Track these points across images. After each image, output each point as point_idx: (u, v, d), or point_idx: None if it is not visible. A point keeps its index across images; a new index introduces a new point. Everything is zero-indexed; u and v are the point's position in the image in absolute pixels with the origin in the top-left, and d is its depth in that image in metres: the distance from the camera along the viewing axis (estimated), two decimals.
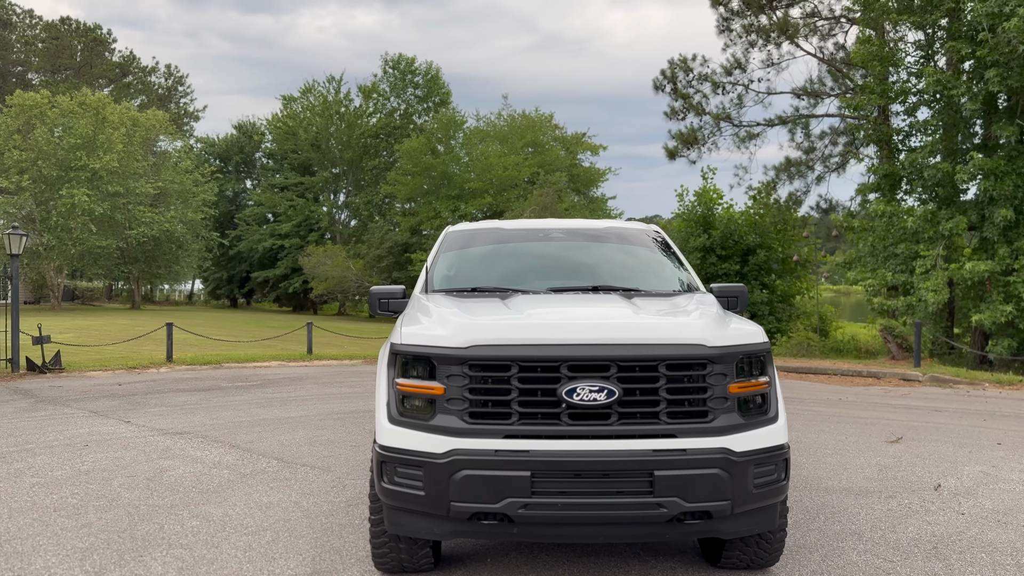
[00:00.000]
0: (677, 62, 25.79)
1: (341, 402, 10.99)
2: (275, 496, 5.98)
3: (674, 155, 25.08)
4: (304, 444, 7.98)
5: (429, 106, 49.87)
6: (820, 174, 25.64)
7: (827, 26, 25.10)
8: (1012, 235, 17.92)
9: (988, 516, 5.48)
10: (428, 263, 5.42)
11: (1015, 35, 15.41)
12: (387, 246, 42.67)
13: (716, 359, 3.71)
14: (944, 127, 19.12)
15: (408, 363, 3.88)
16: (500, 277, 5.16)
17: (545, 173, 39.19)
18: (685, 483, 3.57)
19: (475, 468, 3.60)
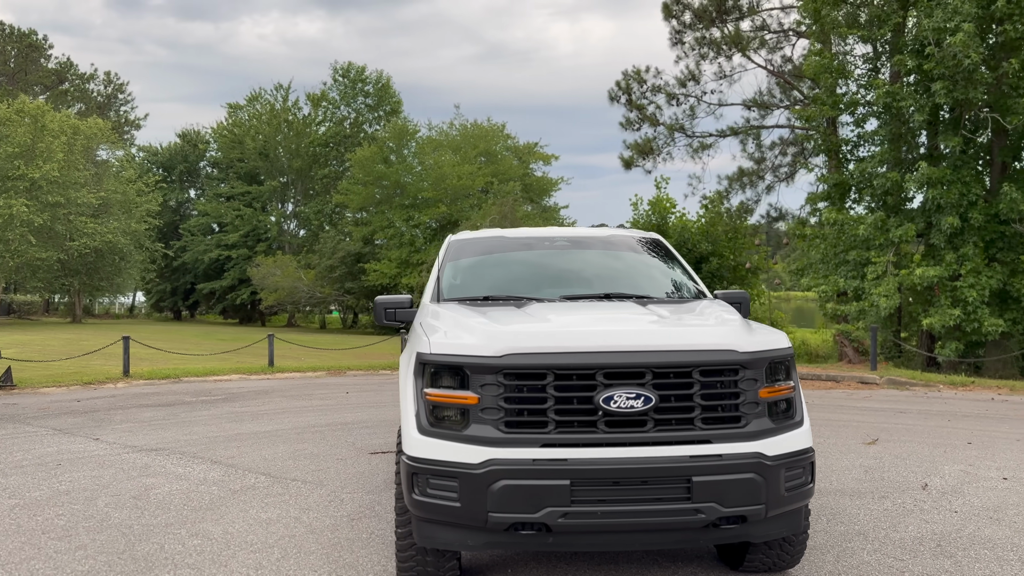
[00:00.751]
0: (631, 74, 26.18)
1: (315, 415, 10.81)
2: (273, 512, 5.84)
3: (630, 165, 25.41)
4: (288, 458, 7.83)
5: (380, 115, 49.58)
6: (770, 184, 26.27)
7: (775, 39, 25.77)
8: (957, 242, 18.57)
9: (980, 513, 5.65)
10: (435, 272, 5.38)
11: (960, 49, 16.01)
12: (339, 256, 42.21)
13: (748, 364, 3.76)
14: (891, 138, 19.74)
15: (438, 373, 3.84)
16: (510, 285, 5.15)
17: (499, 182, 39.24)
18: (722, 488, 3.60)
19: (513, 478, 3.58)
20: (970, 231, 18.33)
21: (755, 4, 25.19)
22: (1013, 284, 18.21)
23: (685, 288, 5.25)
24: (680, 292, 5.18)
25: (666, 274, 5.41)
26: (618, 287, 5.15)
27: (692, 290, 5.23)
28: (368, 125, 50.68)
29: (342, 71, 50.31)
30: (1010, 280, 18.29)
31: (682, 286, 5.27)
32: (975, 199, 18.59)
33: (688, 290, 5.22)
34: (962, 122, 18.57)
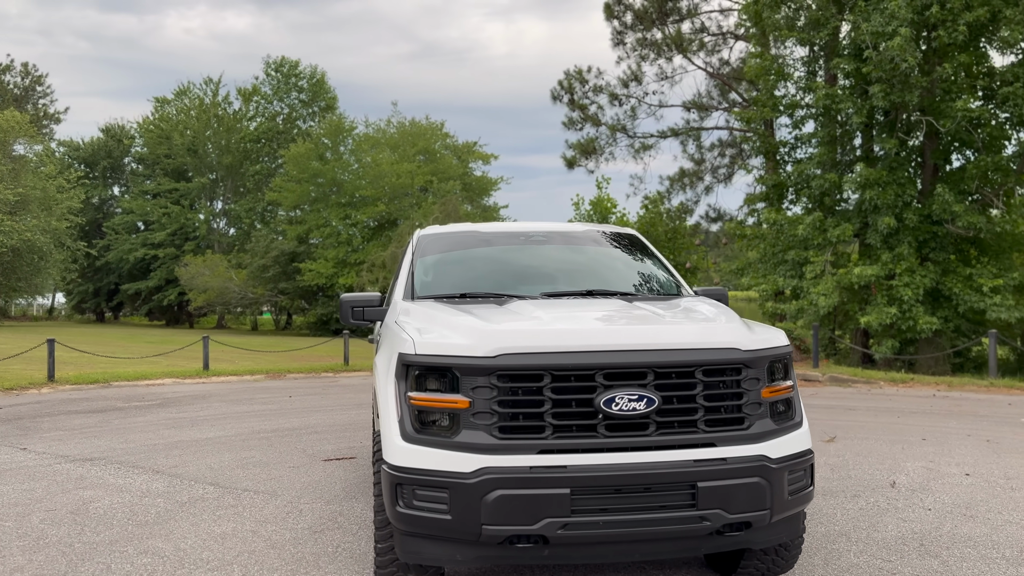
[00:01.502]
0: (573, 74, 26.16)
1: (258, 420, 10.33)
2: (227, 526, 5.45)
3: (573, 164, 25.37)
4: (236, 467, 7.40)
5: (315, 111, 48.63)
6: (709, 184, 26.60)
7: (713, 42, 26.09)
8: (893, 242, 19.05)
9: (953, 511, 5.64)
10: (405, 268, 5.08)
11: (898, 53, 16.40)
12: (273, 255, 41.20)
13: (750, 363, 3.59)
14: (829, 140, 20.14)
15: (423, 375, 3.56)
16: (487, 282, 4.90)
17: (439, 181, 38.86)
18: (728, 494, 3.42)
19: (509, 487, 3.32)
20: (905, 231, 18.82)
21: (694, 7, 25.45)
22: (944, 283, 18.76)
23: (667, 284, 5.08)
24: (662, 288, 5.01)
25: (646, 270, 5.23)
26: (600, 283, 4.95)
27: (674, 286, 5.06)
28: (302, 121, 49.68)
29: (275, 65, 49.18)
30: (942, 279, 18.84)
31: (663, 282, 5.09)
32: (909, 200, 19.12)
33: (670, 286, 5.05)
34: (897, 125, 19.06)
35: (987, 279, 17.98)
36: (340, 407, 11.57)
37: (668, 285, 5.07)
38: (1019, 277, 18.15)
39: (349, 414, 10.79)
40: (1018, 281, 18.17)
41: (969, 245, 19.73)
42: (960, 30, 16.50)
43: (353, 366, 17.86)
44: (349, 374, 16.86)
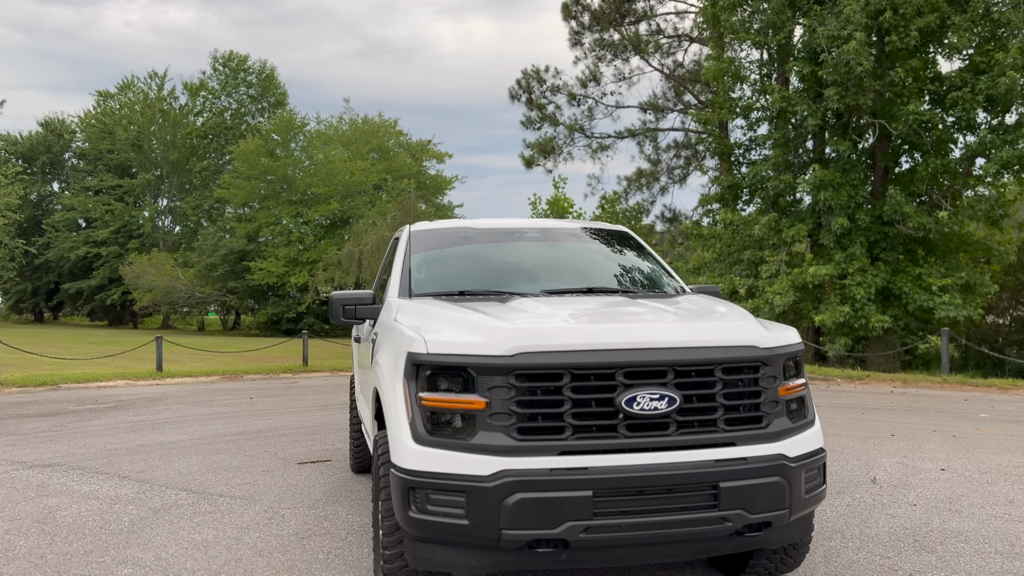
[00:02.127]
0: (531, 73, 26.12)
1: (222, 423, 10.03)
2: (207, 533, 5.24)
3: (531, 164, 25.34)
4: (206, 472, 7.14)
5: (264, 106, 47.74)
6: (664, 185, 26.81)
7: (668, 44, 26.31)
8: (845, 242, 19.44)
9: (938, 506, 5.72)
10: (399, 264, 4.93)
11: (853, 57, 16.72)
12: (221, 254, 40.31)
13: (768, 361, 3.56)
14: (783, 142, 20.45)
15: (435, 375, 3.44)
16: (486, 279, 4.79)
17: (393, 179, 38.51)
18: (749, 494, 3.38)
19: (530, 490, 3.22)
20: (857, 232, 19.21)
21: (650, 8, 25.64)
22: (895, 282, 19.21)
23: (663, 281, 5.03)
24: (660, 286, 4.96)
25: (643, 267, 5.18)
26: (599, 281, 4.88)
27: (671, 284, 5.01)
28: (251, 117, 48.76)
29: (223, 60, 48.14)
30: (892, 279, 19.29)
31: (660, 280, 5.05)
32: (862, 201, 19.54)
33: (666, 284, 5.00)
34: (850, 127, 19.46)
35: (936, 279, 18.46)
36: (305, 409, 11.31)
37: (665, 282, 5.03)
38: (966, 276, 18.67)
39: (315, 416, 10.55)
40: (965, 280, 18.69)
41: (917, 245, 20.24)
42: (912, 35, 16.91)
43: (312, 367, 17.53)
44: (308, 375, 16.54)
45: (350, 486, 6.51)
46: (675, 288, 4.98)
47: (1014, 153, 16.92)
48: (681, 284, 5.06)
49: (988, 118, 18.61)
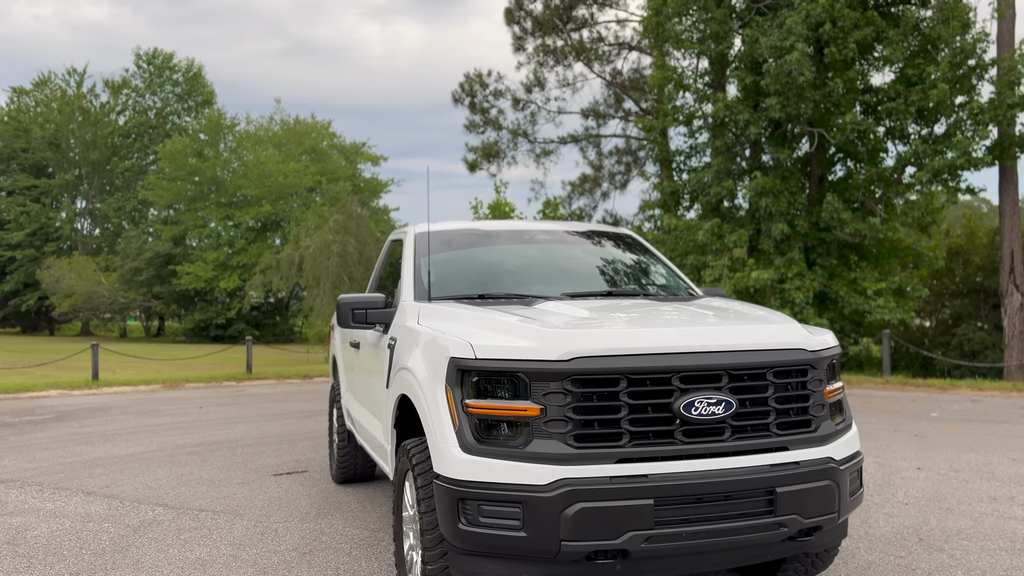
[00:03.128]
0: (473, 77, 26.01)
1: (177, 434, 9.60)
2: (199, 551, 4.95)
3: (474, 168, 25.22)
4: (177, 485, 6.79)
5: (191, 106, 46.24)
6: (605, 190, 27.05)
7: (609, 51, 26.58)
8: (785, 247, 19.96)
9: (930, 505, 5.85)
10: (408, 268, 4.76)
11: (795, 67, 17.17)
12: (146, 257, 38.87)
13: (815, 363, 3.55)
14: (725, 149, 20.88)
15: (484, 381, 3.31)
16: (502, 282, 4.66)
17: (327, 182, 37.82)
18: (803, 498, 3.36)
19: (591, 499, 3.12)
20: (795, 237, 19.74)
21: (591, 16, 25.86)
22: (831, 287, 19.81)
23: (677, 284, 5.00)
24: (675, 288, 4.93)
25: (656, 270, 5.13)
26: (616, 283, 4.83)
27: (683, 286, 4.99)
28: (177, 116, 47.18)
29: (147, 57, 46.50)
30: (828, 283, 19.89)
31: (674, 282, 5.02)
32: (800, 208, 20.09)
33: (680, 286, 4.98)
34: (789, 136, 20.00)
35: (871, 283, 19.11)
36: (261, 418, 10.93)
37: (678, 284, 5.00)
38: (898, 281, 19.38)
39: (275, 425, 10.19)
40: (897, 285, 19.40)
41: (851, 251, 20.92)
42: (850, 47, 17.46)
43: (257, 374, 17.00)
44: (254, 383, 16.03)
45: (337, 498, 6.27)
46: (688, 290, 4.96)
47: (944, 163, 17.64)
48: (691, 286, 5.04)
49: (918, 128, 19.36)
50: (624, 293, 4.63)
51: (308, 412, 11.41)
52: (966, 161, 17.49)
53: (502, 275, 4.81)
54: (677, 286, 4.97)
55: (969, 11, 17.70)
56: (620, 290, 4.68)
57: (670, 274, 5.11)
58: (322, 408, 11.81)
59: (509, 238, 5.26)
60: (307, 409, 11.77)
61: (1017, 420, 10.28)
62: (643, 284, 4.92)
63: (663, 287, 4.92)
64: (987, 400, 12.59)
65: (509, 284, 4.62)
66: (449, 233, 5.16)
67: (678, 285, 4.99)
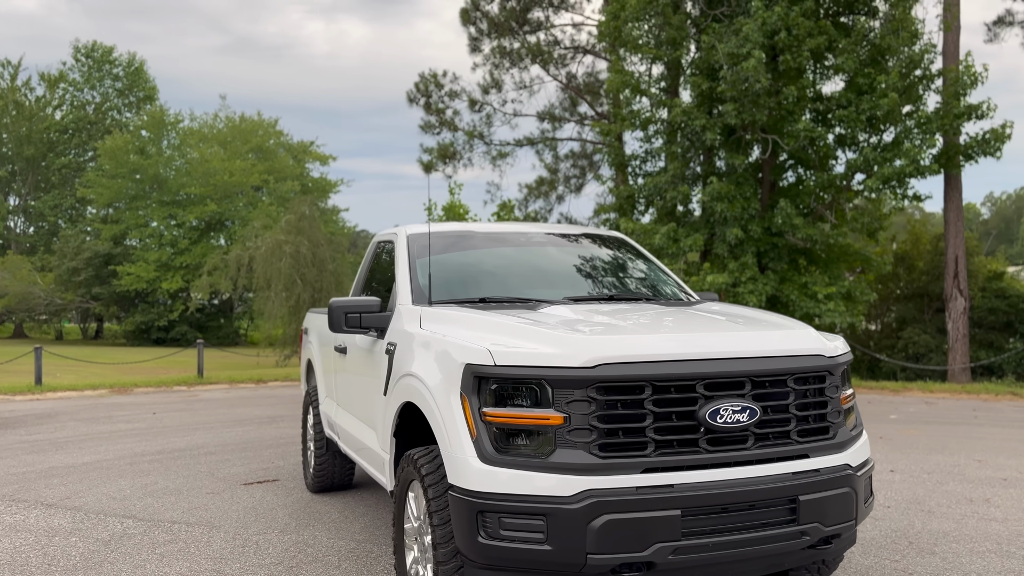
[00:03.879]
0: (429, 77, 25.79)
1: (134, 441, 9.22)
2: (180, 566, 4.71)
3: (430, 169, 25.01)
4: (143, 495, 6.50)
5: (132, 101, 44.89)
6: (561, 194, 27.09)
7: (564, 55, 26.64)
8: (738, 251, 20.25)
9: (910, 508, 5.93)
10: (403, 271, 4.61)
11: (752, 74, 17.42)
12: (85, 257, 37.57)
13: (832, 370, 3.53)
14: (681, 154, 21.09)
15: (503, 388, 3.19)
16: (502, 286, 4.55)
17: (275, 181, 37.09)
18: (824, 506, 3.33)
19: (618, 511, 3.03)
20: (749, 242, 20.05)
21: (547, 19, 25.89)
22: (782, 291, 20.16)
23: (674, 288, 4.96)
24: (673, 292, 4.88)
25: (651, 273, 5.08)
26: (616, 287, 4.77)
27: (680, 291, 4.94)
28: (117, 112, 45.76)
29: (85, 51, 45.02)
30: (779, 287, 20.24)
31: (671, 286, 4.97)
32: (754, 213, 20.40)
33: (677, 290, 4.93)
34: (743, 142, 20.29)
35: (821, 287, 19.50)
36: (220, 424, 10.58)
37: (674, 288, 4.95)
38: (848, 285, 19.83)
39: (235, 432, 9.88)
40: (846, 289, 19.84)
41: (801, 256, 21.34)
42: (804, 55, 17.79)
43: (209, 379, 16.51)
44: (206, 387, 15.56)
45: (315, 508, 6.07)
46: (686, 294, 4.92)
47: (893, 170, 18.10)
48: (687, 289, 5.00)
49: (867, 136, 19.84)
50: (625, 297, 4.57)
51: (268, 418, 11.10)
52: (914, 169, 17.98)
53: (501, 278, 4.70)
54: (674, 290, 4.92)
55: (917, 23, 18.20)
56: (621, 294, 4.62)
57: (666, 277, 5.07)
58: (282, 414, 11.51)
59: (505, 240, 5.14)
60: (266, 415, 11.45)
61: (972, 422, 10.55)
62: (642, 288, 4.86)
63: (661, 291, 4.86)
64: (940, 402, 12.92)
65: (509, 287, 4.51)
66: (444, 235, 5.02)
67: (674, 289, 4.94)
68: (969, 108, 17.89)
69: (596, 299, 4.44)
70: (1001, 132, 17.88)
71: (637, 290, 4.80)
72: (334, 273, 23.74)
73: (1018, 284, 22.25)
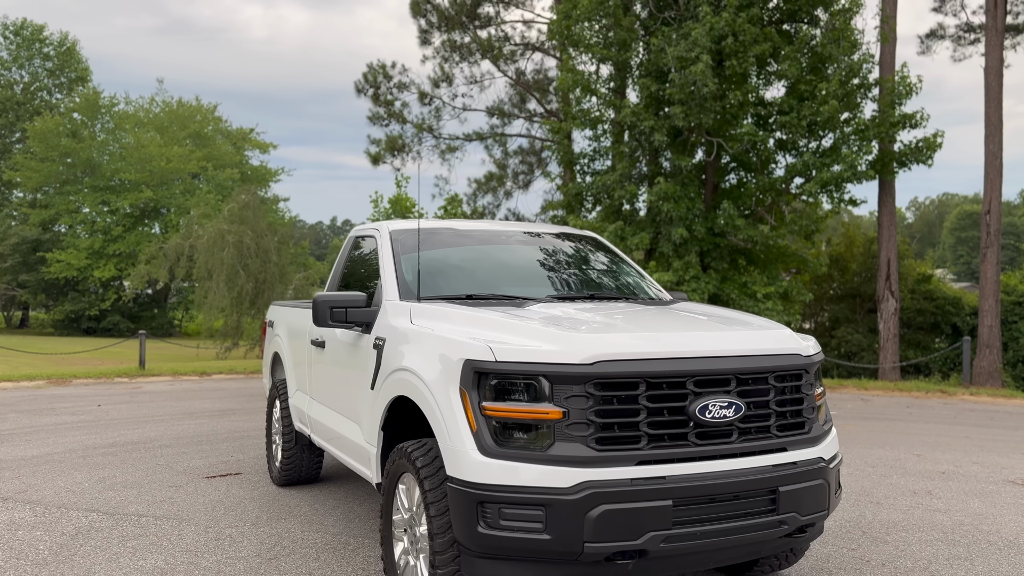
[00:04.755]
0: (377, 67, 25.59)
1: (83, 434, 9.01)
2: (154, 559, 4.69)
3: (377, 161, 24.83)
4: (103, 489, 6.40)
5: (63, 82, 43.29)
6: (509, 189, 27.21)
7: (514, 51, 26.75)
8: (682, 251, 20.71)
9: (860, 499, 6.24)
10: (388, 266, 4.66)
11: (699, 78, 17.83)
12: (12, 243, 36.21)
13: (808, 368, 3.73)
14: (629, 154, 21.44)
15: (503, 384, 3.30)
16: (486, 283, 4.65)
17: (213, 168, 36.30)
18: (801, 497, 3.53)
19: (614, 501, 3.17)
20: (692, 242, 20.53)
21: (497, 15, 25.95)
22: (723, 289, 20.70)
23: (648, 287, 5.13)
24: (648, 291, 5.05)
25: (626, 272, 5.24)
26: (595, 286, 4.92)
27: (653, 290, 5.12)
28: (47, 93, 44.06)
29: (14, 28, 43.20)
30: (721, 286, 20.78)
31: (645, 285, 5.15)
32: (698, 213, 20.89)
33: (652, 290, 5.10)
34: (689, 144, 20.74)
35: (760, 286, 20.09)
36: (170, 417, 10.40)
37: (649, 287, 5.13)
38: (784, 286, 20.47)
39: (187, 425, 9.73)
40: (783, 289, 20.48)
41: (741, 256, 21.93)
42: (749, 61, 18.28)
43: (151, 371, 16.13)
44: (149, 379, 15.21)
45: (284, 501, 6.07)
46: (660, 294, 5.09)
47: (831, 175, 18.75)
48: (659, 288, 5.18)
49: (807, 142, 20.49)
50: (606, 296, 4.72)
51: (219, 411, 10.95)
52: (851, 174, 18.64)
53: (485, 276, 4.80)
54: (649, 289, 5.09)
55: (856, 33, 18.87)
56: (601, 293, 4.76)
57: (640, 277, 5.24)
58: (233, 407, 11.37)
59: (486, 238, 5.24)
60: (216, 408, 11.29)
61: (907, 418, 11.08)
62: (619, 287, 5.02)
63: (637, 290, 5.03)
64: (875, 399, 13.50)
65: (493, 285, 4.62)
66: (430, 232, 5.08)
67: (648, 288, 5.11)
68: (904, 117, 18.62)
69: (578, 298, 4.58)
70: (933, 141, 18.66)
71: (616, 289, 4.96)
72: (278, 264, 23.42)
73: (944, 287, 23.27)
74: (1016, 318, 20.09)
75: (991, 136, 18.74)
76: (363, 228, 5.48)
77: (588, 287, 4.88)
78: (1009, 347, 19.98)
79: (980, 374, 18.09)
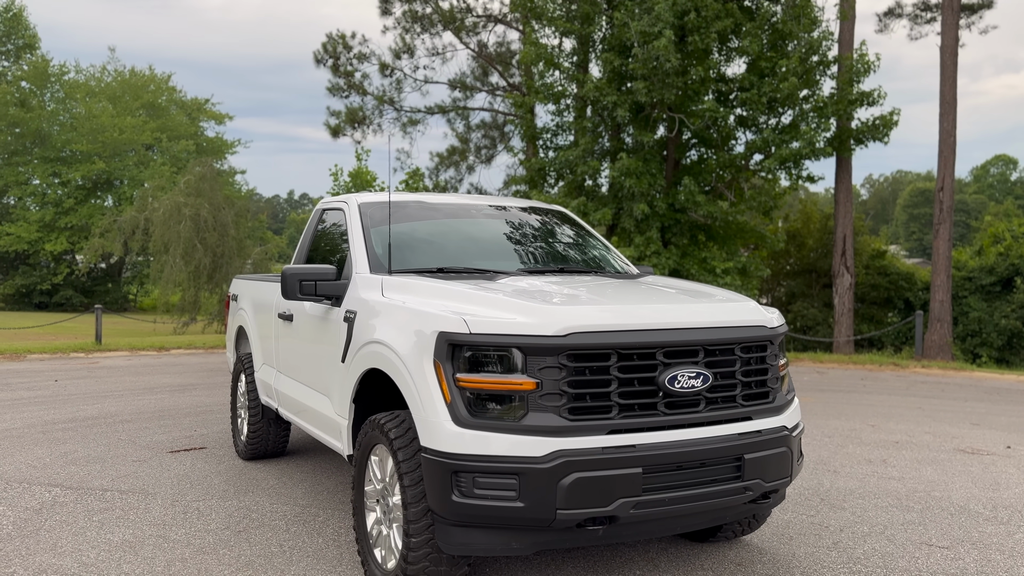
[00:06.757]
0: (337, 38, 25.19)
1: (40, 409, 8.87)
2: (121, 532, 4.66)
3: (337, 133, 24.52)
4: (65, 464, 6.32)
5: (10, 49, 41.84)
6: (471, 164, 27.10)
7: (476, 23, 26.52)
8: (644, 226, 20.88)
9: (818, 468, 6.43)
10: (358, 239, 4.64)
11: (662, 53, 17.89)
12: None
13: (772, 339, 3.83)
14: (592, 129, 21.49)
15: (477, 356, 3.34)
16: (457, 256, 4.66)
17: (168, 139, 35.53)
18: (766, 464, 3.64)
19: (586, 469, 3.24)
20: (654, 217, 20.71)
21: None
22: (683, 264, 20.95)
23: (616, 261, 5.19)
24: (616, 265, 5.11)
25: (595, 247, 5.30)
26: (564, 260, 4.95)
27: (622, 263, 5.18)
28: None
29: None
30: (681, 261, 21.03)
31: (613, 259, 5.21)
32: (659, 189, 21.04)
33: (620, 263, 5.17)
34: (651, 120, 20.84)
35: (719, 262, 20.37)
36: (129, 392, 10.27)
37: (616, 261, 5.19)
38: (743, 261, 20.78)
39: (147, 400, 9.62)
40: (742, 265, 20.79)
41: (701, 232, 22.20)
42: (712, 37, 18.38)
43: (108, 345, 15.86)
44: (106, 354, 14.96)
45: (251, 474, 6.06)
46: (627, 267, 5.16)
47: (790, 152, 19.02)
48: (627, 262, 5.24)
49: (767, 118, 20.71)
50: (575, 270, 4.76)
51: (179, 386, 10.84)
52: (810, 151, 18.90)
53: (455, 249, 4.81)
54: (615, 262, 5.16)
55: (816, 10, 19.06)
56: (570, 266, 4.81)
57: (608, 251, 5.30)
58: (193, 382, 11.25)
59: (454, 212, 5.25)
60: (176, 383, 11.17)
61: (861, 390, 11.38)
62: (587, 260, 5.07)
63: (604, 263, 5.09)
64: (830, 372, 13.83)
65: (464, 258, 4.63)
66: (400, 205, 5.06)
67: (615, 261, 5.18)
68: (862, 95, 18.90)
69: (548, 271, 4.62)
70: (889, 119, 18.99)
71: (584, 263, 5.01)
72: (236, 238, 23.08)
73: (898, 262, 23.82)
74: (966, 293, 20.67)
75: (945, 114, 19.13)
76: (330, 201, 5.44)
77: (557, 260, 4.92)
78: (959, 321, 20.56)
79: (931, 347, 18.62)
